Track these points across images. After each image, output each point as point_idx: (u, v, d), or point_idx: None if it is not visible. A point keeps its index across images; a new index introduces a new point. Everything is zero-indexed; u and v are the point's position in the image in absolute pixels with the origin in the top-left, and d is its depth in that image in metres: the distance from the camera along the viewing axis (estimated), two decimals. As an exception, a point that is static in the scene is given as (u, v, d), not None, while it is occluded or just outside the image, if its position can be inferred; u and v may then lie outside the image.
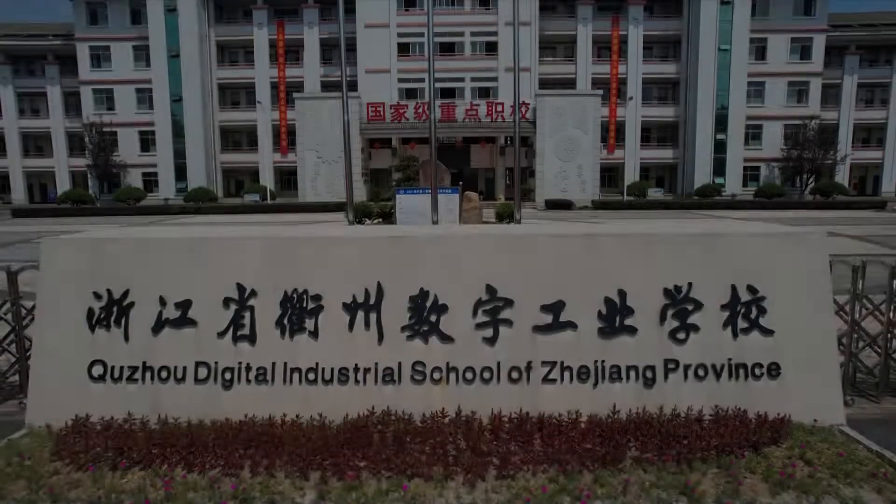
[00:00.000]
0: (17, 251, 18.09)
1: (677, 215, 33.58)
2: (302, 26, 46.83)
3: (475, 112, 42.37)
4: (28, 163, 52.91)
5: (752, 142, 47.19)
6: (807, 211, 36.43)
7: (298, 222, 27.87)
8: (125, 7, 46.82)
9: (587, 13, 46.19)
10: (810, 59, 46.36)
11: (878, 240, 19.14)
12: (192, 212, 38.66)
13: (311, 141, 42.26)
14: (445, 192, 17.98)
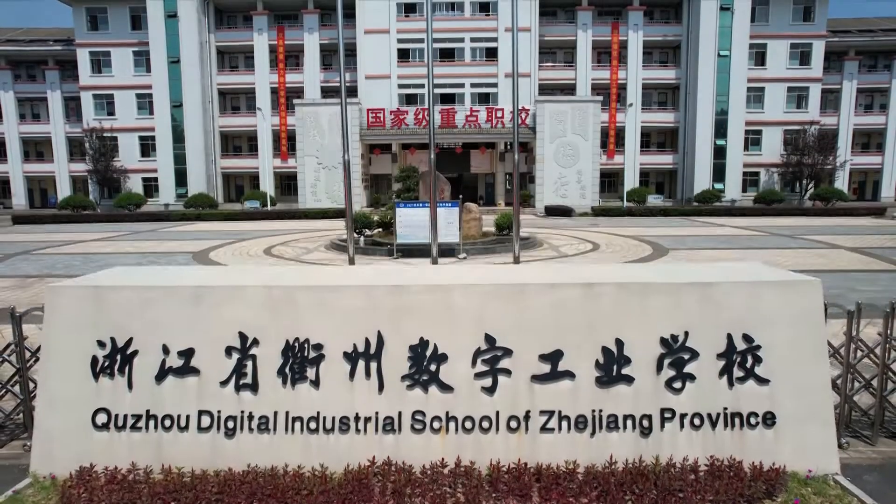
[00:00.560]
0: (18, 265, 18.11)
1: (676, 222, 33.64)
2: (302, 32, 46.91)
3: (475, 118, 42.48)
4: (29, 168, 53.06)
5: (751, 147, 47.27)
6: (806, 218, 36.42)
7: (298, 230, 27.69)
8: (125, 13, 46.92)
9: (587, 19, 46.27)
10: (809, 64, 46.45)
11: (876, 252, 19.19)
12: (192, 218, 38.74)
13: (311, 147, 42.35)
14: (445, 206, 18.09)
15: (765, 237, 24.71)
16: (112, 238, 27.02)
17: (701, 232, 27.30)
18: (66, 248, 22.54)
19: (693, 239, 23.99)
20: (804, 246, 21.19)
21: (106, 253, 20.93)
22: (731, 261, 17.12)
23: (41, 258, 19.62)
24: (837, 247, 20.85)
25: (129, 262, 18.69)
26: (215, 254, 20.35)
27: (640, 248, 21.08)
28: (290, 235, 27.22)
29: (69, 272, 16.18)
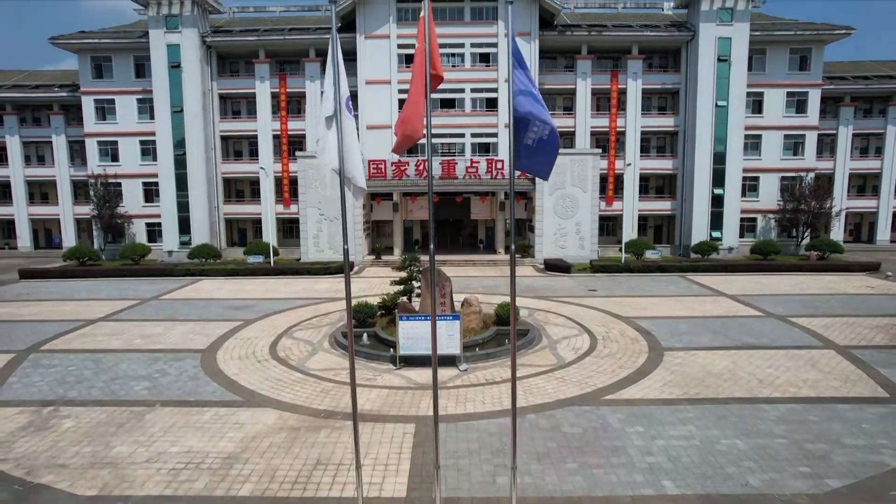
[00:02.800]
0: (30, 376, 18.50)
1: (673, 286, 34.13)
2: (304, 80, 47.49)
3: (475, 169, 43.03)
4: (34, 210, 53.69)
5: (749, 193, 47.83)
6: (801, 277, 36.98)
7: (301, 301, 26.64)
8: (129, 61, 47.50)
9: (586, 67, 46.84)
10: (806, 112, 47.03)
11: (866, 357, 19.60)
12: (196, 273, 39.24)
13: (312, 198, 42.90)
14: (446, 319, 18.62)
15: (759, 320, 25.15)
16: (120, 316, 27.47)
17: (696, 309, 27.73)
18: (76, 341, 22.96)
19: (688, 325, 24.41)
20: (798, 343, 21.61)
21: (116, 351, 21.37)
22: (725, 378, 17.64)
23: (52, 362, 20.05)
24: (830, 344, 21.30)
25: (139, 369, 19.18)
26: (223, 355, 20.80)
27: (637, 345, 21.55)
28: (295, 312, 27.69)
29: (83, 390, 16.64)
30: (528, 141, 6.92)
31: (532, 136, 6.86)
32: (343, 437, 13.96)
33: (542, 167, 7.15)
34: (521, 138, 6.94)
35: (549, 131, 6.88)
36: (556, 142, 7.07)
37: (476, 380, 17.95)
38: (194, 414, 15.43)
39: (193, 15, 45.13)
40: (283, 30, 47.76)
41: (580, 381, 17.72)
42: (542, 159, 7.02)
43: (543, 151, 6.92)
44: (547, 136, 6.89)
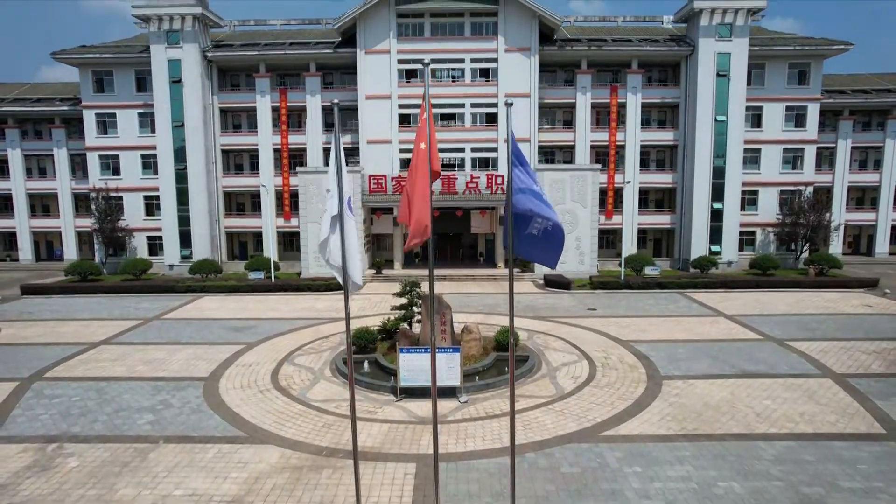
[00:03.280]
0: (34, 409, 18.66)
1: (672, 305, 34.28)
2: (304, 94, 47.66)
3: (475, 184, 43.22)
4: (35, 223, 53.90)
5: (748, 207, 48.00)
6: (801, 294, 37.12)
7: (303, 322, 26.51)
8: (130, 76, 47.70)
9: (586, 82, 47.02)
10: (805, 126, 47.21)
11: (863, 386, 19.76)
12: (197, 290, 39.44)
13: (313, 213, 43.08)
14: (446, 352, 18.78)
15: (757, 345, 25.30)
16: (122, 338, 27.62)
17: (695, 331, 27.87)
18: (79, 367, 23.12)
19: (687, 349, 24.56)
20: (795, 370, 21.77)
21: (118, 379, 21.53)
22: (723, 411, 17.79)
23: (55, 392, 20.20)
24: (827, 372, 21.44)
25: (142, 399, 19.34)
26: (225, 384, 20.96)
27: (636, 373, 21.71)
28: (296, 335, 27.83)
29: (86, 425, 16.80)
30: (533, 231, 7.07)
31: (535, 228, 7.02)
32: (345, 477, 14.12)
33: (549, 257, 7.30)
34: (521, 230, 7.10)
35: (552, 225, 7.03)
36: (561, 235, 7.22)
37: (476, 412, 18.11)
38: (198, 451, 15.59)
39: (194, 30, 45.33)
40: (284, 44, 47.96)
41: (579, 414, 17.88)
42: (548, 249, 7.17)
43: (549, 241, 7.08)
44: (551, 229, 7.04)
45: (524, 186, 7.11)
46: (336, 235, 7.72)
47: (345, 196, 7.60)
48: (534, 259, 7.68)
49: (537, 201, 7.09)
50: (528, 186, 7.14)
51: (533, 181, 7.28)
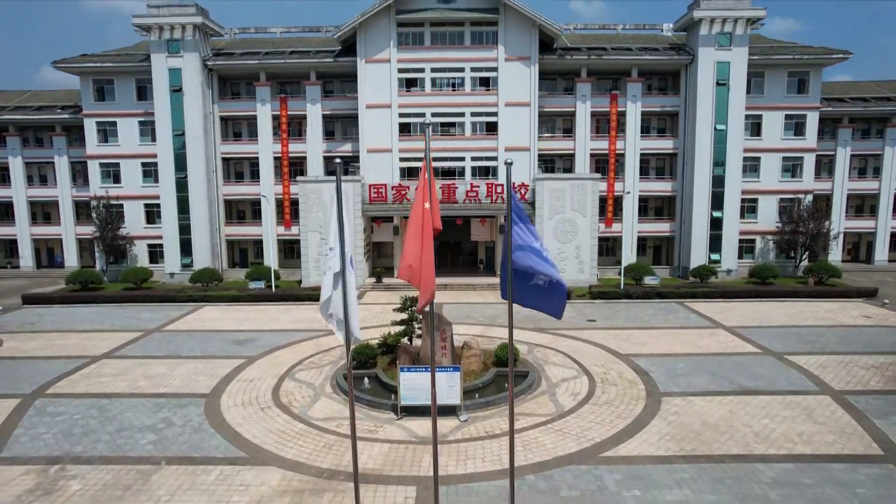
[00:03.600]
0: (36, 428, 18.74)
1: (672, 315, 34.36)
2: (304, 102, 47.76)
3: (475, 193, 43.34)
4: (36, 231, 54.01)
5: (747, 215, 48.10)
6: (801, 304, 37.19)
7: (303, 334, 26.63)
8: (131, 84, 47.80)
9: (586, 90, 47.12)
10: (804, 135, 47.30)
11: (861, 403, 19.86)
12: (198, 300, 39.51)
13: (313, 223, 43.19)
14: (446, 371, 18.89)
15: (756, 359, 25.40)
16: (124, 352, 27.71)
17: (694, 344, 27.97)
18: (81, 383, 23.21)
19: (686, 364, 24.67)
20: (794, 387, 21.88)
21: (120, 396, 21.63)
22: (722, 430, 17.89)
23: (57, 409, 20.29)
24: (826, 389, 21.54)
25: (144, 418, 19.44)
26: (227, 401, 21.06)
27: (635, 389, 21.81)
28: (297, 348, 27.94)
29: (89, 445, 16.89)
30: (539, 282, 7.16)
31: (539, 281, 7.10)
32: (346, 501, 14.23)
33: (552, 308, 7.39)
34: (522, 282, 7.20)
35: (553, 282, 7.12)
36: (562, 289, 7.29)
37: (476, 432, 18.22)
38: (199, 474, 15.70)
39: (195, 39, 45.42)
40: (284, 52, 48.06)
41: (578, 433, 17.98)
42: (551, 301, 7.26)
43: (551, 294, 7.16)
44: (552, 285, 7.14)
45: (523, 244, 7.21)
46: (338, 292, 7.82)
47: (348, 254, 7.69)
48: (536, 308, 7.78)
49: (537, 258, 7.19)
50: (528, 244, 7.23)
51: (533, 238, 7.37)
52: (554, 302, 7.40)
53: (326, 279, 8.15)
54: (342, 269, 7.86)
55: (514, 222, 7.30)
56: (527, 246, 7.19)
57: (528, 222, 7.42)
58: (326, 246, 6.83)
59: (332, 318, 8.32)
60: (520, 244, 7.20)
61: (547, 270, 7.20)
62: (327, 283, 8.12)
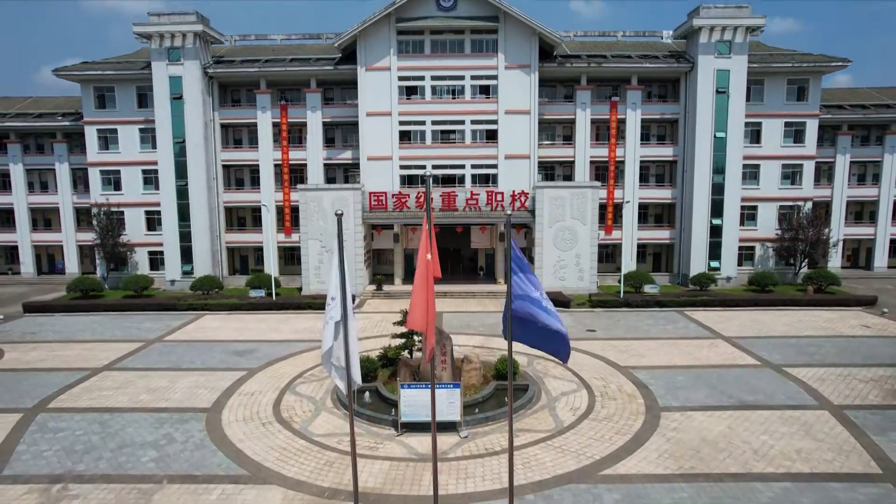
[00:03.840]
0: (38, 444, 18.82)
1: (671, 326, 34.45)
2: (305, 110, 47.86)
3: (475, 201, 43.46)
4: (37, 237, 54.12)
5: (747, 222, 48.20)
6: (800, 313, 37.28)
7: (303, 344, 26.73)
8: (132, 92, 47.92)
9: (586, 98, 47.23)
10: (803, 142, 47.40)
11: (860, 418, 19.93)
12: (199, 308, 39.59)
13: (314, 230, 43.29)
14: (446, 388, 18.98)
15: (755, 372, 25.48)
16: (125, 363, 27.80)
17: (694, 356, 28.05)
18: (83, 397, 23.29)
19: (686, 377, 24.77)
20: (793, 401, 21.97)
21: (122, 410, 21.72)
22: (720, 447, 17.97)
23: (59, 425, 20.37)
24: (825, 403, 21.62)
25: (146, 434, 19.52)
26: (228, 416, 21.14)
27: (634, 403, 21.90)
28: (297, 360, 28.04)
29: (91, 463, 16.97)
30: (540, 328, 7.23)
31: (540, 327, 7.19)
32: (347, 522, 14.30)
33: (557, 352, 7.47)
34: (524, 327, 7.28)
35: (553, 329, 7.21)
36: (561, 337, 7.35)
37: (476, 449, 18.30)
38: (201, 493, 15.79)
39: (195, 47, 45.54)
40: (285, 60, 48.17)
41: (577, 450, 18.07)
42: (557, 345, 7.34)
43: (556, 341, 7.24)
44: (554, 332, 7.22)
45: (522, 294, 7.30)
46: (339, 342, 7.91)
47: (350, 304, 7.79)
48: (541, 349, 7.87)
49: (536, 308, 7.29)
50: (527, 293, 7.33)
51: (532, 287, 7.46)
52: (557, 347, 7.48)
53: (327, 329, 8.24)
54: (344, 317, 7.95)
55: (513, 272, 7.39)
56: (525, 296, 7.28)
57: (529, 271, 7.51)
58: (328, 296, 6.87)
59: (334, 367, 8.41)
60: (519, 294, 7.29)
61: (546, 320, 7.29)
62: (328, 334, 8.21)
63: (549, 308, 7.37)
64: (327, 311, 8.10)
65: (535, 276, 7.27)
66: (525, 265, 7.43)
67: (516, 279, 7.40)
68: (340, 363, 8.36)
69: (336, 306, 8.04)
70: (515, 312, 7.44)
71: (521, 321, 7.44)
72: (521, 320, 7.46)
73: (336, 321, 8.08)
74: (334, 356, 8.31)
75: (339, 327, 8.11)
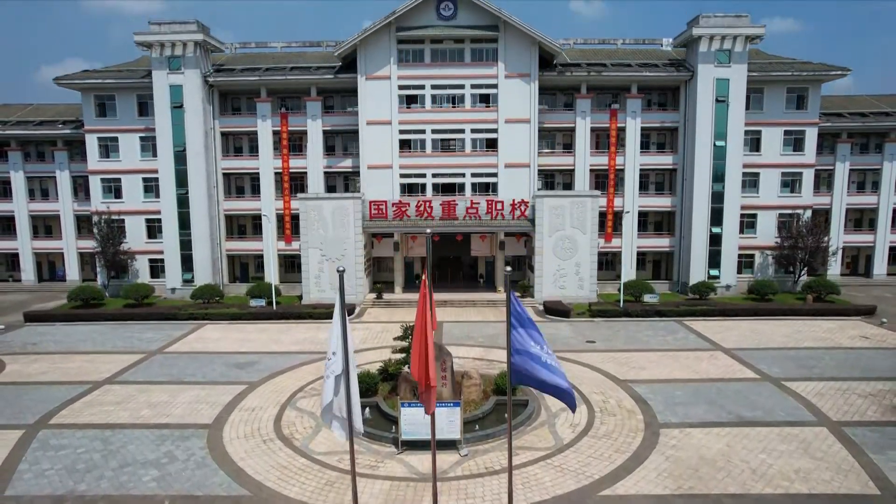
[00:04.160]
0: (39, 464, 18.90)
1: (671, 336, 34.52)
2: (305, 118, 47.96)
3: (475, 210, 43.54)
4: (37, 245, 54.21)
5: (746, 230, 48.30)
6: (799, 324, 37.36)
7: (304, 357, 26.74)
8: (132, 100, 48.03)
9: (586, 106, 47.33)
10: (803, 150, 47.51)
11: (858, 436, 20.00)
12: (200, 317, 39.68)
13: (314, 239, 43.38)
14: (447, 406, 19.06)
15: (754, 386, 25.55)
16: (126, 377, 27.89)
17: (693, 369, 28.12)
18: (84, 412, 23.37)
19: (685, 392, 24.85)
20: (792, 417, 22.04)
21: (123, 427, 21.79)
22: (719, 466, 18.04)
23: (61, 442, 20.43)
24: (823, 419, 21.69)
25: (147, 451, 19.60)
26: (229, 432, 21.22)
27: (633, 420, 21.97)
28: (298, 373, 28.12)
29: (92, 482, 17.04)
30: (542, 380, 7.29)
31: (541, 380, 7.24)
32: (347, 546, 14.37)
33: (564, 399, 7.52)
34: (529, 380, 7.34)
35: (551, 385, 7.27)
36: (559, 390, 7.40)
37: (476, 468, 18.38)
38: (202, 515, 15.85)
39: (195, 56, 45.63)
40: (285, 69, 48.26)
41: (577, 469, 18.15)
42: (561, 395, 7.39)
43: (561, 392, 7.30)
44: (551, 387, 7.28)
45: (521, 349, 7.38)
46: (339, 397, 8.00)
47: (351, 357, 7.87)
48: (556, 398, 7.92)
49: (535, 364, 7.36)
50: (526, 349, 7.40)
51: (532, 342, 7.53)
52: (562, 397, 7.54)
53: (328, 384, 8.32)
54: (346, 368, 8.03)
55: (512, 326, 7.47)
56: (525, 351, 7.36)
57: (529, 325, 7.58)
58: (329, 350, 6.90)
59: (335, 418, 8.48)
60: (517, 348, 7.37)
61: (544, 376, 7.36)
62: (328, 388, 8.29)
63: (549, 364, 7.44)
64: (327, 365, 8.18)
65: (536, 329, 7.33)
66: (525, 319, 7.49)
67: (515, 334, 7.48)
68: (342, 414, 8.43)
69: (337, 360, 8.12)
70: (515, 367, 7.53)
71: (523, 374, 7.52)
72: (521, 374, 7.53)
73: (336, 375, 8.16)
74: (335, 408, 8.39)
75: (340, 381, 8.20)
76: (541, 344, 7.47)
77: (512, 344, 7.49)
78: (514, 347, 7.47)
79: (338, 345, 8.02)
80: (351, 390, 8.16)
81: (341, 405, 8.35)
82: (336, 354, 8.19)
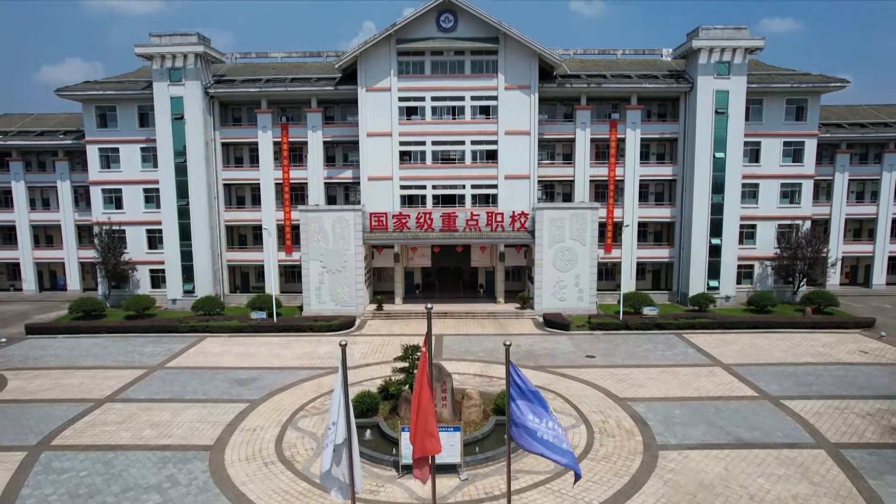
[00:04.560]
0: (42, 488, 19.03)
1: (670, 351, 34.62)
2: (305, 129, 48.09)
3: (475, 221, 43.66)
4: (39, 254, 54.33)
5: (746, 241, 48.42)
6: (798, 337, 37.46)
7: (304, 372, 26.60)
8: (133, 111, 48.16)
9: (585, 118, 47.46)
10: (802, 161, 47.63)
11: (856, 459, 20.10)
12: (200, 330, 39.78)
13: (315, 251, 43.49)
14: (447, 430, 19.15)
15: (753, 405, 25.65)
16: (127, 394, 27.98)
17: (692, 386, 28.23)
18: (86, 433, 23.47)
19: (683, 411, 24.94)
20: (790, 438, 22.13)
21: (125, 448, 21.89)
22: (717, 492, 18.14)
23: (63, 465, 20.53)
24: (822, 441, 21.80)
25: (149, 475, 19.70)
26: (231, 455, 21.32)
27: (632, 441, 22.07)
28: (299, 390, 28.21)
29: None
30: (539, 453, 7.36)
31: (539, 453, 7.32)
32: (348, 577, 14.45)
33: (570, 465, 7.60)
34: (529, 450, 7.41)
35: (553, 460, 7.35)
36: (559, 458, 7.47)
37: (476, 493, 18.49)
38: (204, 543, 15.94)
39: (196, 68, 45.77)
40: (285, 80, 48.38)
41: (575, 495, 18.25)
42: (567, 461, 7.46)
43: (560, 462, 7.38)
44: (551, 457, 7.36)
45: (519, 422, 7.48)
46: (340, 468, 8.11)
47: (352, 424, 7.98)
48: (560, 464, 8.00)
49: (530, 438, 7.46)
50: (523, 423, 7.50)
51: (531, 415, 7.62)
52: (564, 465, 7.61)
53: (327, 453, 8.42)
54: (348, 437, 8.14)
55: (511, 398, 7.57)
56: (522, 425, 7.45)
57: (530, 397, 7.64)
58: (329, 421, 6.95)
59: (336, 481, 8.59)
60: (515, 421, 7.47)
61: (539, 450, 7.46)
62: (327, 457, 8.39)
63: (546, 440, 7.51)
64: (327, 434, 8.28)
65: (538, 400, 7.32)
66: (525, 391, 7.57)
67: (514, 406, 7.57)
68: (344, 479, 8.54)
69: (337, 431, 8.23)
70: (513, 437, 7.63)
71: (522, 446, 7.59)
72: (520, 445, 7.61)
73: (337, 444, 8.27)
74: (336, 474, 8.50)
75: (341, 451, 8.31)
76: (541, 417, 7.53)
77: (512, 416, 7.59)
78: (512, 420, 7.58)
79: (339, 415, 8.14)
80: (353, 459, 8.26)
81: (343, 472, 8.46)
82: (336, 424, 8.29)
